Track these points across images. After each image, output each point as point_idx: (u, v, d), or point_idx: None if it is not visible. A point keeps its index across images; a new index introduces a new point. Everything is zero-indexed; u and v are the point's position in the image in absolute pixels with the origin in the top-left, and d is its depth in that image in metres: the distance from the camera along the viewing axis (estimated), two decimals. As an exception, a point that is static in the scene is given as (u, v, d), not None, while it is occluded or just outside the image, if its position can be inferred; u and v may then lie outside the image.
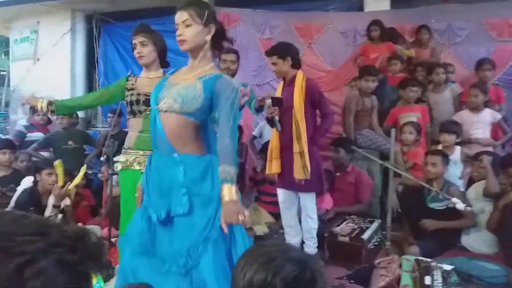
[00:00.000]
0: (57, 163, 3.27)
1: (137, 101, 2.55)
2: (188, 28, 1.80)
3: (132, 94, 2.58)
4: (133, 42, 2.57)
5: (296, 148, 2.94)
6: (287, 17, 6.02)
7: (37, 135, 5.00)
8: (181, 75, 1.91)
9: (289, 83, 3.05)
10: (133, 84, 2.63)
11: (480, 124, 4.08)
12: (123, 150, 2.66)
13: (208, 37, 1.84)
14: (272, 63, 3.08)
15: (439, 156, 3.36)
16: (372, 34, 5.12)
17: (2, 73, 9.62)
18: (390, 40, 5.07)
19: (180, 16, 1.81)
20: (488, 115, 4.11)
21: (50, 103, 2.66)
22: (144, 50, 2.53)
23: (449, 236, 3.21)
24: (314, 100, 3.03)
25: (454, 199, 2.70)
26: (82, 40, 7.50)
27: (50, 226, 0.57)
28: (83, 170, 3.46)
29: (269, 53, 3.11)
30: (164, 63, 2.68)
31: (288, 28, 5.95)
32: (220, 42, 1.92)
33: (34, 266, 0.51)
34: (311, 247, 3.06)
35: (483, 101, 4.07)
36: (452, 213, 3.09)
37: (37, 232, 0.54)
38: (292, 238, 3.14)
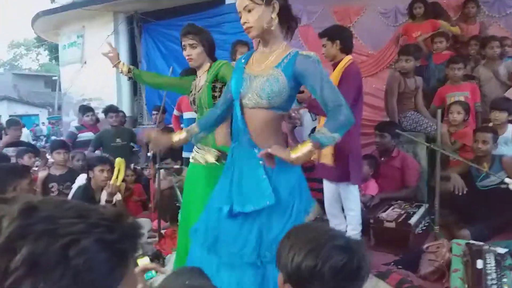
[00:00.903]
0: (119, 160, 3.42)
1: (193, 101, 2.56)
2: (251, 13, 1.70)
3: (191, 95, 2.60)
4: (182, 43, 2.54)
5: None
6: (325, 1, 5.88)
7: (87, 135, 5.29)
8: (256, 65, 1.82)
9: (334, 68, 3.01)
10: (194, 85, 2.63)
11: (537, 100, 3.83)
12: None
13: (274, 15, 1.72)
14: (323, 45, 3.04)
15: (489, 133, 3.20)
16: (416, 11, 4.90)
17: (53, 78, 10.19)
18: (434, 17, 4.85)
19: (241, 3, 1.72)
20: (545, 91, 3.87)
21: (129, 69, 2.84)
22: (193, 52, 2.49)
23: (502, 218, 3.07)
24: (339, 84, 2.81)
25: (507, 179, 2.57)
26: (125, 40, 7.78)
27: (89, 209, 0.62)
28: (122, 164, 3.57)
29: (321, 34, 3.07)
30: (213, 59, 2.61)
31: (326, 13, 5.83)
32: (287, 15, 1.79)
33: (77, 246, 0.56)
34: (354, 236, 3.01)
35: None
36: (505, 193, 2.94)
37: (78, 215, 0.59)
38: (335, 227, 3.10)
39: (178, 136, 2.12)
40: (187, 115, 4.32)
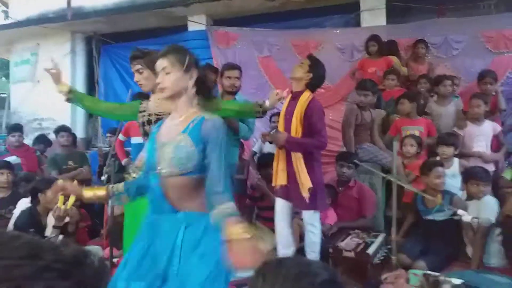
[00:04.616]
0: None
1: (149, 122, 2.48)
2: (167, 76, 1.75)
3: (144, 116, 2.51)
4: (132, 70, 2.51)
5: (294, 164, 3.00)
6: (285, 35, 6.06)
7: (11, 160, 4.64)
8: (166, 132, 1.81)
9: (294, 98, 3.11)
10: (145, 106, 2.55)
11: (482, 136, 4.07)
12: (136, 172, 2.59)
13: (190, 83, 1.78)
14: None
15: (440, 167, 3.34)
16: (370, 49, 5.17)
17: (2, 95, 9.65)
18: (389, 53, 5.10)
19: (160, 64, 1.77)
20: (489, 127, 4.11)
21: (70, 91, 2.65)
22: (141, 77, 2.45)
23: (455, 248, 3.18)
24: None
25: (460, 211, 2.66)
26: (82, 61, 7.56)
27: (44, 248, 0.51)
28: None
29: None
30: None
31: (286, 46, 6.00)
32: (203, 88, 1.85)
33: None
34: None
35: (484, 112, 4.07)
36: (456, 225, 3.07)
37: (28, 255, 0.49)
38: (283, 247, 3.09)
39: (94, 192, 1.93)
40: (135, 140, 4.12)
